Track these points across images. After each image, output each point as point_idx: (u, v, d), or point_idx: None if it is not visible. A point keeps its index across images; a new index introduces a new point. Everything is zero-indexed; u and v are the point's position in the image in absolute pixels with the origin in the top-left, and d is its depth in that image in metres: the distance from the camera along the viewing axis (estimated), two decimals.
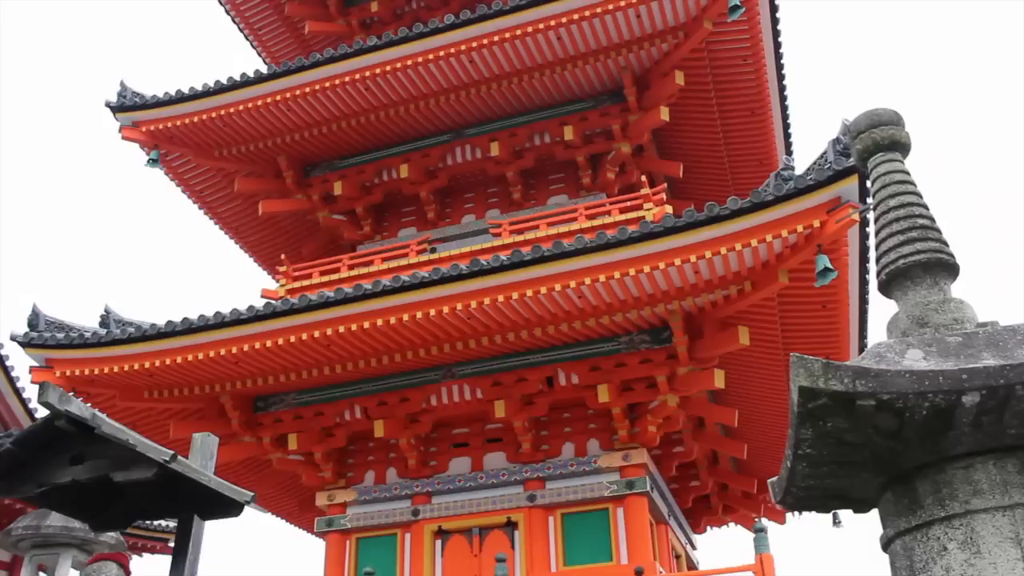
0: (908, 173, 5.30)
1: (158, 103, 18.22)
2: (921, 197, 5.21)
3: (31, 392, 20.49)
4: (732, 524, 21.87)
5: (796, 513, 19.49)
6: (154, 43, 73.39)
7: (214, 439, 6.78)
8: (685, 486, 18.96)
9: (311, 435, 16.95)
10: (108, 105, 18.49)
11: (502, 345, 15.24)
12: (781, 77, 18.32)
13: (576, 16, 16.11)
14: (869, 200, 12.89)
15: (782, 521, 21.11)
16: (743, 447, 17.53)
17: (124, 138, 18.51)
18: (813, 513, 7.81)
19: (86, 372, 15.87)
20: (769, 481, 5.03)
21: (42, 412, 5.97)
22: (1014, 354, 4.24)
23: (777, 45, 17.74)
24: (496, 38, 16.46)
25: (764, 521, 19.26)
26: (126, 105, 18.42)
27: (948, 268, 5.00)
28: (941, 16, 66.52)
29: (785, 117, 19.21)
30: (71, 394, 6.14)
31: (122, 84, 18.56)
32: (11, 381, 20.46)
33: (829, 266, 13.04)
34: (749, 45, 17.06)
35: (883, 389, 4.07)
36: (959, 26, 65.54)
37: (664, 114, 17.43)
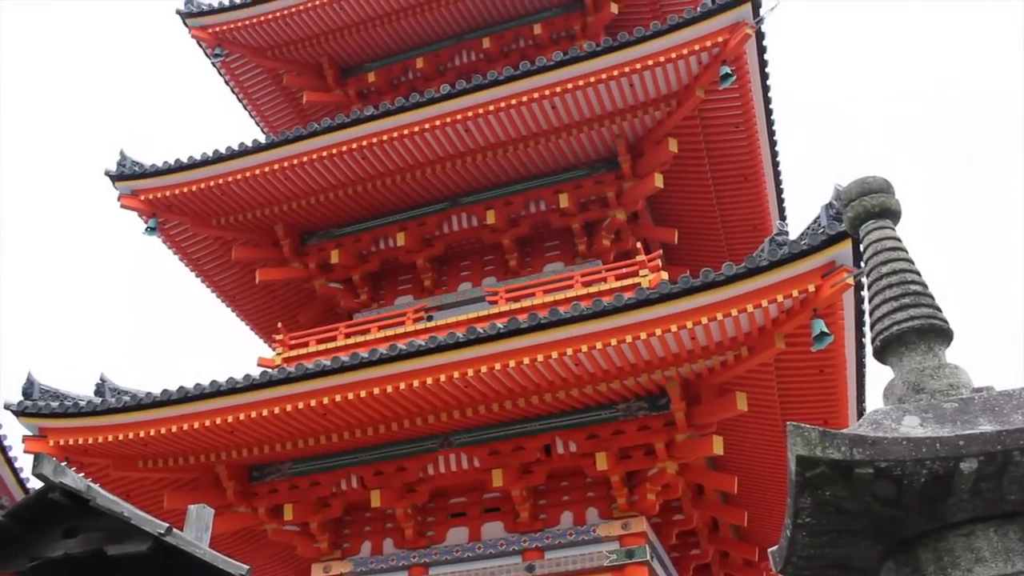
0: (899, 240, 5.35)
1: (157, 172, 18.39)
2: (913, 263, 5.26)
3: (23, 461, 20.30)
4: None
5: None
6: (151, 111, 74.29)
7: (209, 511, 6.73)
8: (685, 555, 18.70)
9: (307, 505, 16.77)
10: (108, 174, 18.65)
11: (499, 413, 15.17)
12: (773, 143, 18.54)
13: (570, 85, 16.37)
14: (863, 264, 12.98)
15: None
16: (743, 514, 17.35)
17: (123, 206, 18.66)
18: None
19: (80, 441, 15.75)
20: (769, 551, 5.00)
21: (34, 482, 5.93)
22: (1010, 419, 4.24)
23: (769, 112, 17.99)
24: (491, 107, 16.68)
25: None
26: (125, 174, 18.58)
27: (942, 334, 5.03)
28: (932, 74, 67.60)
29: (778, 182, 19.41)
30: (65, 465, 6.11)
31: (122, 153, 18.74)
32: (3, 450, 20.28)
33: (825, 330, 13.07)
34: (741, 112, 17.30)
35: (881, 457, 4.07)
36: (954, 83, 66.58)
37: (658, 181, 17.60)
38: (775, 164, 18.93)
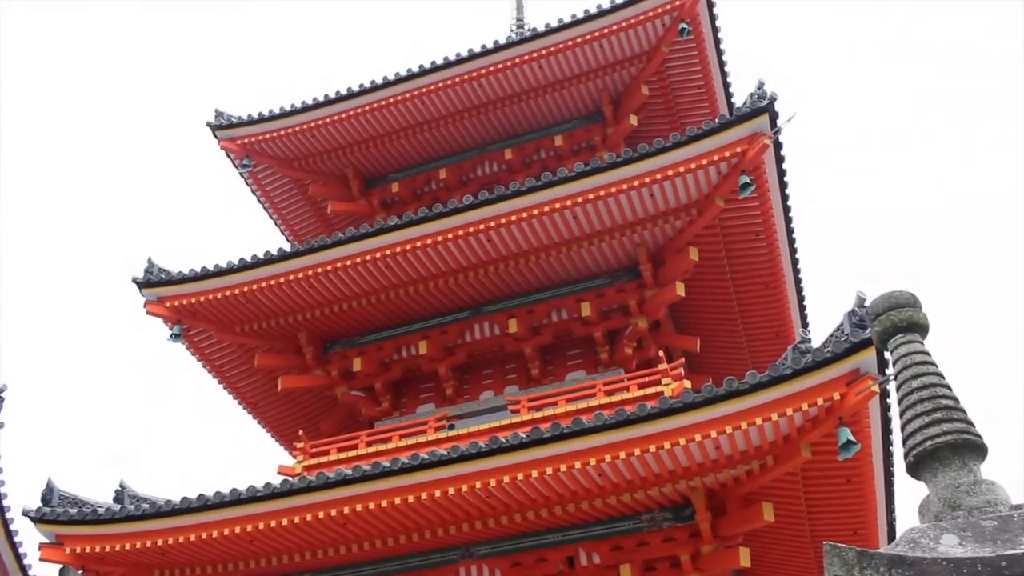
0: (928, 354, 5.35)
1: (183, 279, 18.64)
2: (943, 377, 5.25)
3: (37, 570, 20.12)
4: None
5: None
6: (176, 217, 75.63)
7: None
8: None
9: None
10: (135, 281, 18.91)
11: (521, 524, 14.95)
12: (794, 250, 18.65)
13: (591, 196, 16.60)
14: (888, 371, 12.88)
15: None
16: None
17: (149, 313, 18.86)
18: None
19: (97, 549, 15.58)
20: None
21: None
22: None
23: (788, 220, 18.15)
24: (514, 217, 16.91)
25: None
26: (152, 281, 18.84)
27: (976, 449, 4.98)
28: (948, 171, 67.82)
29: (799, 289, 19.46)
30: (80, 573, 6.06)
31: (149, 260, 19.03)
32: (18, 558, 20.12)
33: (852, 439, 12.92)
34: (761, 220, 17.47)
35: None
36: (965, 178, 66.70)
37: (680, 289, 17.67)
38: (796, 271, 19.01)
